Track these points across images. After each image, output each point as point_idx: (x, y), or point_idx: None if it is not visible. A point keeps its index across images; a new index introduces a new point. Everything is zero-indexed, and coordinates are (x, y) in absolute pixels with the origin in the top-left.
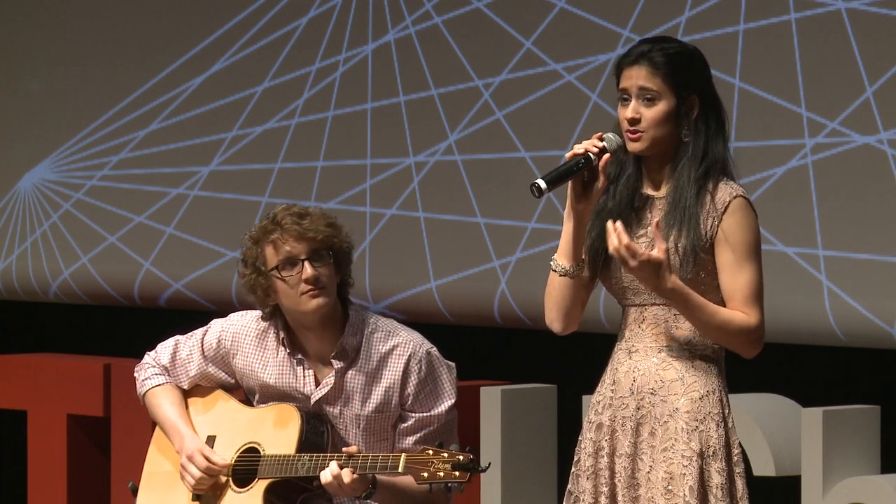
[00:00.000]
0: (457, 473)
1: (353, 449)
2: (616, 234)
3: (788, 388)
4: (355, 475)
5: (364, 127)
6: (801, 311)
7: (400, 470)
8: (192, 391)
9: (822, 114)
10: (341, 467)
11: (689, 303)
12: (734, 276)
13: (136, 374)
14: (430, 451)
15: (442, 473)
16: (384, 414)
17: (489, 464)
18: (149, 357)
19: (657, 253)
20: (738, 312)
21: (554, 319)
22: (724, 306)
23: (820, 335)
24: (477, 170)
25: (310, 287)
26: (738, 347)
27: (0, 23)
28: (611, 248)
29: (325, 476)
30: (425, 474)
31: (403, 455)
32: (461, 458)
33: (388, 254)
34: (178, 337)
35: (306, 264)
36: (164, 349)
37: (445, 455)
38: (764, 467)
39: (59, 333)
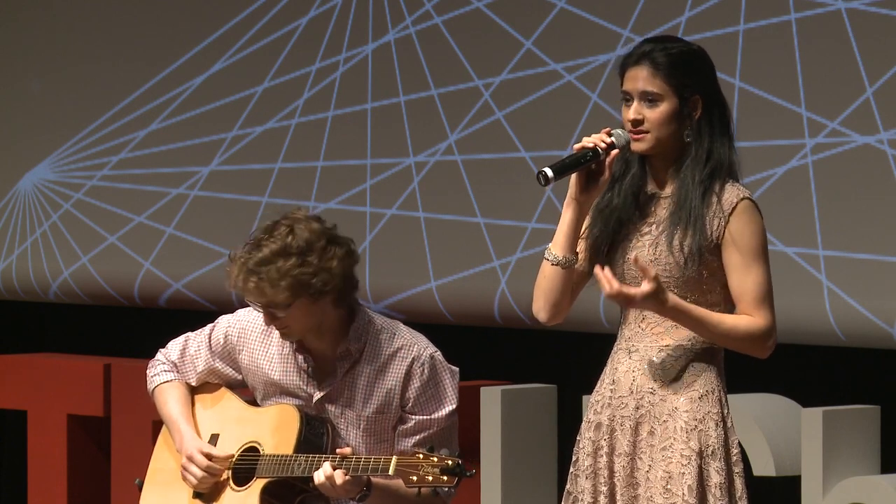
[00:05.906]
0: (445, 478)
1: (346, 450)
2: (606, 281)
3: (788, 388)
4: (347, 477)
5: (364, 127)
6: (801, 311)
7: (390, 472)
8: (199, 388)
9: (822, 114)
10: (334, 468)
11: (692, 316)
12: (742, 278)
13: (147, 371)
14: (421, 455)
15: (430, 478)
16: (384, 416)
17: (473, 471)
18: (160, 354)
19: (647, 286)
20: (743, 316)
21: (540, 309)
22: (732, 305)
23: (820, 335)
24: (477, 170)
25: (273, 327)
26: (751, 350)
27: (0, 23)
28: (606, 294)
29: (318, 477)
30: (414, 478)
31: (394, 458)
32: (450, 462)
33: (388, 254)
34: (188, 333)
35: (265, 313)
36: (174, 345)
37: (435, 459)
38: (764, 467)
39: (59, 333)
